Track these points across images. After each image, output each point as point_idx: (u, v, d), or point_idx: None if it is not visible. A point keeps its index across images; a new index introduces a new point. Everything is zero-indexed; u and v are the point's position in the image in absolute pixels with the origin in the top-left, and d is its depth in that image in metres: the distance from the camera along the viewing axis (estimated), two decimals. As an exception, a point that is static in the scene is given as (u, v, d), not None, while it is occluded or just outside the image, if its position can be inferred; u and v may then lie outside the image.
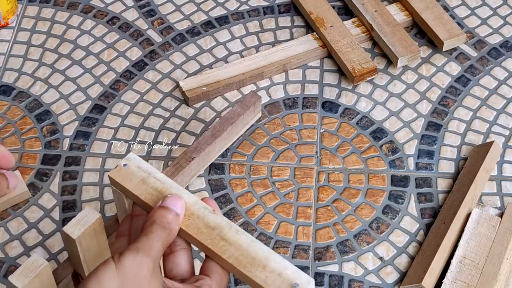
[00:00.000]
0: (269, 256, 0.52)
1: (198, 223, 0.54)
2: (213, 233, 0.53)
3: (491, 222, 0.72)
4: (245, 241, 0.53)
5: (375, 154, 0.80)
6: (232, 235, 0.53)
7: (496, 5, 0.94)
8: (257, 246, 0.52)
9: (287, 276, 0.51)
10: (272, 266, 0.51)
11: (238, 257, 0.52)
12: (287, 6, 0.94)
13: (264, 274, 0.51)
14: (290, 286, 0.50)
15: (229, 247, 0.53)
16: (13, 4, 0.92)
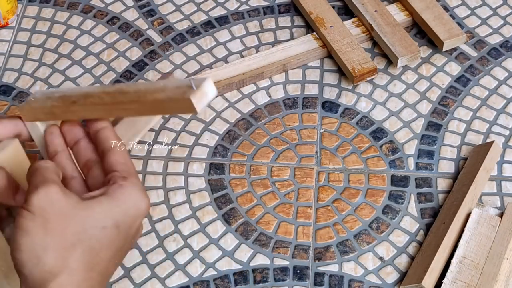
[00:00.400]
0: (166, 83, 0.55)
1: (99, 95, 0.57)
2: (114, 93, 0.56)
3: (491, 222, 0.72)
4: (141, 85, 0.56)
5: (375, 154, 0.80)
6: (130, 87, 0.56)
7: (496, 5, 0.94)
8: (154, 84, 0.55)
9: (184, 85, 0.53)
10: (170, 86, 0.54)
11: (139, 94, 0.55)
12: (287, 6, 0.94)
13: (164, 93, 0.53)
14: (186, 86, 0.53)
15: (129, 95, 0.55)
16: (13, 4, 0.92)
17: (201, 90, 0.53)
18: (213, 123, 0.83)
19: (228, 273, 0.72)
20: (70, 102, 0.57)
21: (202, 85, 0.53)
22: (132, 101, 0.55)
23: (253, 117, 0.83)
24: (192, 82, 0.53)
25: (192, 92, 0.52)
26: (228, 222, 0.75)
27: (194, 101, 0.52)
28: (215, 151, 0.80)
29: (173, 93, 0.53)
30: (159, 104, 0.54)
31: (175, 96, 0.53)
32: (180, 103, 0.53)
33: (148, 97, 0.54)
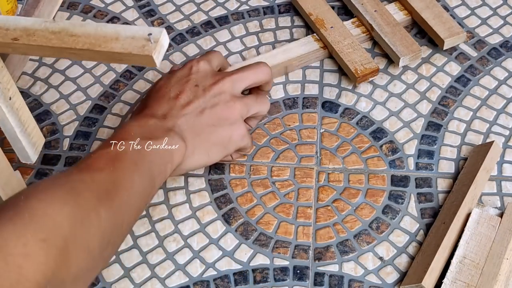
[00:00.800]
0: (118, 29, 0.54)
1: (44, 33, 0.55)
2: (61, 35, 0.55)
3: (491, 222, 0.72)
4: (91, 28, 0.55)
5: (375, 154, 0.80)
6: (78, 29, 0.55)
7: (496, 5, 0.94)
8: (103, 27, 0.55)
9: (140, 35, 0.53)
10: (123, 35, 0.54)
11: (91, 41, 0.54)
12: (287, 6, 0.94)
13: (119, 44, 0.53)
14: (144, 39, 0.53)
15: (79, 38, 0.54)
16: (13, 4, 0.92)
17: (159, 43, 0.53)
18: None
19: (228, 273, 0.72)
20: (11, 39, 0.56)
21: (160, 38, 0.53)
22: (83, 49, 0.54)
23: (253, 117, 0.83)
24: (150, 36, 0.52)
25: (152, 48, 0.52)
26: (228, 222, 0.75)
27: (155, 56, 0.52)
28: (215, 151, 0.80)
29: (130, 45, 0.53)
30: (115, 55, 0.53)
31: (133, 49, 0.52)
32: (139, 57, 0.52)
33: (103, 47, 0.53)
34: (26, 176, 0.78)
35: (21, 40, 0.56)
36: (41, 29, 0.56)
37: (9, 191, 0.67)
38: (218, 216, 0.76)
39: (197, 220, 0.76)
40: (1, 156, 0.65)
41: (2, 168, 0.66)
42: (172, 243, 0.74)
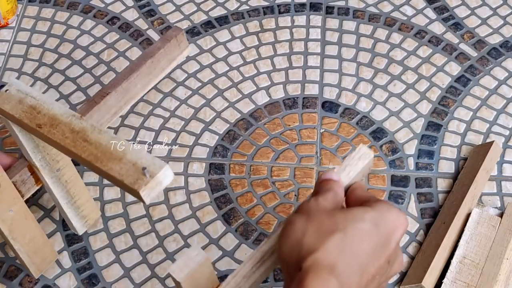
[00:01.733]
0: (126, 149, 0.52)
1: (64, 129, 0.55)
2: (77, 137, 0.54)
3: (491, 222, 0.72)
4: (105, 139, 0.53)
5: (375, 154, 0.80)
6: (95, 135, 0.54)
7: (496, 5, 0.94)
8: (116, 143, 0.53)
9: (141, 164, 0.50)
10: (128, 158, 0.51)
11: (97, 154, 0.52)
12: (287, 6, 0.94)
13: (119, 166, 0.51)
14: (140, 172, 0.50)
15: (89, 146, 0.53)
16: (13, 4, 0.92)
17: (155, 180, 0.49)
18: (213, 123, 0.83)
19: (228, 273, 0.72)
20: (36, 124, 0.57)
21: (158, 174, 0.49)
22: (88, 161, 0.53)
23: (253, 117, 0.83)
24: (146, 171, 0.50)
25: (142, 183, 0.49)
26: (228, 222, 0.75)
27: (143, 193, 0.49)
28: (215, 151, 0.80)
29: (127, 172, 0.50)
30: (110, 177, 0.52)
31: (126, 179, 0.50)
32: (130, 189, 0.50)
33: (103, 164, 0.52)
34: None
35: (43, 129, 0.56)
36: (65, 122, 0.56)
37: (38, 259, 0.68)
38: (218, 216, 0.76)
39: (197, 220, 0.76)
40: (34, 224, 0.66)
41: (35, 236, 0.66)
42: (172, 243, 0.74)
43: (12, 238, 0.63)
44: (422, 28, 0.91)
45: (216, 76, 0.87)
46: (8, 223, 0.62)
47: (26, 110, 0.57)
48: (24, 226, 0.64)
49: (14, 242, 0.63)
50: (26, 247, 0.65)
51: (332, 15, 0.93)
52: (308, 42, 0.90)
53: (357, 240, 0.50)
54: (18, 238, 0.64)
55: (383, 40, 0.90)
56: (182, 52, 0.75)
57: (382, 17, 0.92)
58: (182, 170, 0.79)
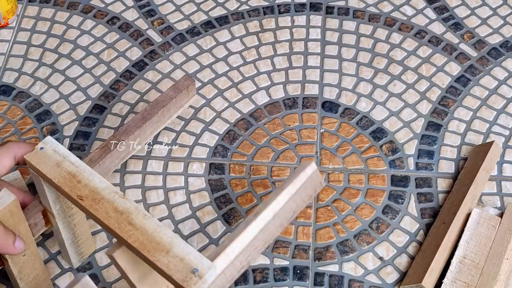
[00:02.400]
0: (173, 241, 0.52)
1: (107, 207, 0.55)
2: (121, 218, 0.54)
3: (491, 222, 0.72)
4: (151, 226, 0.54)
5: (375, 154, 0.80)
6: (140, 220, 0.54)
7: (496, 5, 0.94)
8: (162, 231, 0.53)
9: (189, 261, 0.51)
10: (175, 252, 0.52)
11: (143, 241, 0.53)
12: (287, 6, 0.94)
13: (167, 259, 0.52)
14: (190, 271, 0.51)
15: (135, 231, 0.53)
16: (13, 4, 0.92)
17: (203, 279, 0.51)
18: (213, 123, 0.83)
19: (228, 273, 0.72)
20: (77, 195, 0.56)
21: (206, 275, 0.51)
22: (134, 248, 0.53)
23: (253, 117, 0.83)
24: (196, 272, 0.51)
25: (192, 283, 0.50)
26: (228, 222, 0.75)
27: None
28: (215, 151, 0.80)
29: (175, 268, 0.51)
30: (157, 268, 0.52)
31: (175, 275, 0.51)
32: (178, 285, 0.51)
33: (150, 253, 0.52)
34: (26, 176, 0.78)
35: (85, 202, 0.56)
36: (108, 199, 0.55)
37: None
38: (218, 216, 0.76)
39: (197, 220, 0.76)
40: (40, 264, 0.66)
41: (38, 274, 0.67)
42: (172, 243, 0.74)
43: (19, 278, 0.64)
44: (422, 28, 0.91)
45: (216, 76, 0.87)
46: (19, 265, 0.63)
47: (65, 176, 0.57)
48: (32, 267, 0.65)
49: (20, 281, 0.65)
50: (29, 285, 0.66)
51: (332, 15, 0.93)
52: (308, 42, 0.90)
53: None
54: (24, 278, 0.65)
55: (383, 40, 0.90)
56: (189, 99, 0.78)
57: (382, 17, 0.92)
58: (182, 170, 0.79)
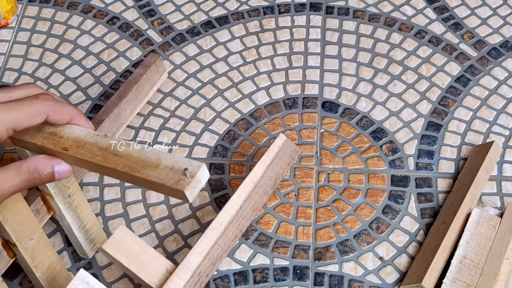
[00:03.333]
0: (160, 156, 0.54)
1: (92, 148, 0.56)
2: (106, 153, 0.56)
3: (491, 222, 0.72)
4: (135, 151, 0.55)
5: (375, 154, 0.80)
6: (123, 149, 0.55)
7: (496, 5, 0.94)
8: (147, 152, 0.54)
9: (178, 167, 0.53)
10: (163, 164, 0.53)
11: (131, 165, 0.54)
12: (287, 6, 0.94)
13: (157, 172, 0.53)
14: (181, 173, 0.52)
15: (121, 159, 0.54)
16: (13, 4, 0.92)
17: (195, 179, 0.52)
18: (213, 123, 0.83)
19: (228, 273, 0.72)
20: (61, 148, 0.57)
21: (197, 174, 0.52)
22: (124, 172, 0.54)
23: (253, 117, 0.83)
24: (186, 171, 0.52)
25: (186, 182, 0.51)
26: (228, 222, 0.75)
27: (187, 192, 0.52)
28: (215, 151, 0.80)
29: (167, 176, 0.52)
30: (150, 183, 0.53)
31: (168, 181, 0.52)
32: (173, 190, 0.52)
33: (140, 172, 0.53)
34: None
35: (70, 151, 0.57)
36: (91, 142, 0.56)
37: (56, 285, 0.69)
38: (218, 216, 0.76)
39: (197, 220, 0.76)
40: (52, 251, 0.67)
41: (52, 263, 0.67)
42: (172, 243, 0.74)
43: (34, 266, 0.64)
44: (422, 28, 0.91)
45: (216, 76, 0.87)
46: (30, 251, 0.63)
47: (47, 136, 0.58)
48: (43, 254, 0.65)
49: (36, 270, 0.65)
50: (46, 275, 0.66)
51: (332, 15, 0.93)
52: (308, 42, 0.90)
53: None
54: (39, 266, 0.65)
55: (383, 40, 0.90)
56: (161, 76, 0.82)
57: (382, 17, 0.92)
58: (182, 170, 0.79)
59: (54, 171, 0.58)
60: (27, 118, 0.56)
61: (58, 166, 0.58)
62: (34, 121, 0.57)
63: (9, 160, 0.80)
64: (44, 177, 0.57)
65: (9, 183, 0.55)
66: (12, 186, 0.55)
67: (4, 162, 0.80)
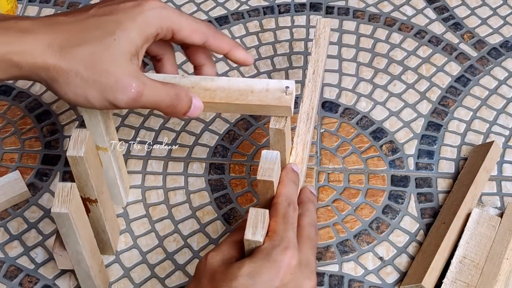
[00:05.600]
0: (249, 83, 0.60)
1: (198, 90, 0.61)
2: (195, 89, 0.61)
3: (491, 222, 0.72)
4: (224, 82, 0.61)
5: (375, 154, 0.80)
6: (211, 83, 0.61)
7: (496, 5, 0.94)
8: (235, 81, 0.61)
9: (273, 87, 0.60)
10: (257, 88, 0.60)
11: (227, 95, 0.60)
12: (287, 6, 0.94)
13: (255, 96, 0.59)
14: (281, 90, 0.59)
15: (213, 92, 0.60)
16: (13, 4, 0.92)
17: (293, 94, 0.59)
18: (213, 123, 0.83)
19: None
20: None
21: (293, 90, 0.60)
22: (221, 103, 0.60)
23: (253, 117, 0.83)
24: (287, 89, 0.59)
25: (288, 99, 0.59)
26: (228, 222, 0.75)
27: (292, 107, 0.59)
28: (215, 151, 0.80)
29: (267, 97, 0.59)
30: (252, 107, 0.59)
31: (271, 101, 0.59)
32: (278, 108, 0.59)
33: (240, 99, 0.59)
34: (26, 176, 0.78)
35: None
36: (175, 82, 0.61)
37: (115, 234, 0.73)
38: (218, 216, 0.76)
39: (197, 220, 0.76)
40: (111, 204, 0.70)
41: (112, 216, 0.71)
42: (172, 243, 0.74)
43: (105, 219, 0.67)
44: (422, 28, 0.91)
45: (216, 76, 0.87)
46: (104, 204, 0.67)
47: None
48: (109, 205, 0.69)
49: (106, 223, 0.68)
50: (110, 224, 0.70)
51: (332, 15, 0.93)
52: (308, 42, 0.90)
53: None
54: (108, 218, 0.69)
55: (383, 40, 0.90)
56: None
57: (382, 17, 0.92)
58: (182, 170, 0.79)
59: (191, 104, 0.59)
60: (188, 29, 0.59)
61: (195, 99, 0.59)
62: (193, 36, 0.59)
63: (9, 160, 0.80)
64: (181, 105, 0.58)
65: (154, 92, 0.57)
66: (154, 95, 0.57)
67: (4, 162, 0.80)
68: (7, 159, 0.80)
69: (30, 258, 0.73)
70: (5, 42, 0.53)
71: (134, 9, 0.56)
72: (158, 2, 0.57)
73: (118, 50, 0.54)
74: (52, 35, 0.54)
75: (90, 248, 0.64)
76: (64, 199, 0.57)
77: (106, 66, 0.54)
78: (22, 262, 0.73)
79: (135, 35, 0.55)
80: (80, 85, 0.54)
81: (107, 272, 0.71)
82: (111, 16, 0.55)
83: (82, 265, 0.64)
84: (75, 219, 0.58)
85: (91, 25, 0.55)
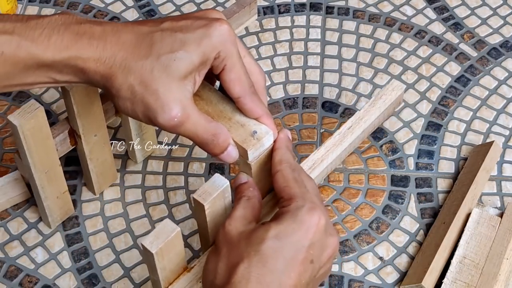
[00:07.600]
0: (235, 111, 0.59)
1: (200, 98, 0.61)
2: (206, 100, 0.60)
3: (491, 222, 0.72)
4: (216, 97, 0.60)
5: (375, 154, 0.80)
6: (206, 92, 0.60)
7: (496, 5, 0.94)
8: (226, 102, 0.59)
9: (249, 127, 0.58)
10: (236, 119, 0.59)
11: (208, 110, 0.59)
12: (287, 6, 0.94)
13: (229, 124, 0.58)
14: (249, 134, 0.58)
15: (201, 101, 0.59)
16: (13, 4, 0.92)
17: (260, 142, 0.58)
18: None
19: (228, 273, 0.72)
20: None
21: (264, 139, 0.57)
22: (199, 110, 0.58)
23: (253, 117, 0.83)
24: (255, 134, 0.57)
25: (251, 144, 0.57)
26: (228, 222, 0.75)
27: (250, 152, 0.57)
28: (215, 151, 0.80)
29: (236, 131, 0.58)
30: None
31: (235, 137, 0.57)
32: (237, 146, 0.58)
33: (214, 120, 0.57)
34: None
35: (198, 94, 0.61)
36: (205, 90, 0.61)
37: (102, 180, 0.76)
38: (218, 216, 0.76)
39: (197, 220, 0.76)
40: (108, 150, 0.74)
41: (105, 159, 0.74)
42: (172, 243, 0.74)
43: (89, 159, 0.71)
44: (422, 28, 0.91)
45: (216, 76, 0.87)
46: (90, 145, 0.70)
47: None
48: (101, 151, 0.72)
49: (90, 162, 0.72)
50: (97, 168, 0.73)
51: (332, 15, 0.93)
52: (308, 42, 0.90)
53: (262, 263, 0.51)
54: (93, 160, 0.72)
55: (383, 40, 0.90)
56: (250, 17, 0.88)
57: (382, 17, 0.92)
58: (182, 170, 0.79)
59: (225, 150, 0.59)
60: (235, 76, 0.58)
61: (231, 147, 0.59)
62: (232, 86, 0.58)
63: (9, 160, 0.80)
64: (215, 147, 0.58)
65: (195, 126, 0.56)
66: (193, 129, 0.57)
67: (4, 162, 0.80)
68: (7, 159, 0.80)
69: (30, 258, 0.73)
70: (77, 47, 0.54)
71: (201, 29, 0.56)
72: (226, 26, 0.56)
73: (176, 71, 0.54)
74: (119, 46, 0.55)
75: (47, 171, 0.68)
76: (22, 114, 0.62)
77: (158, 86, 0.54)
78: (22, 262, 0.73)
79: (196, 58, 0.55)
80: (130, 99, 0.55)
81: (105, 273, 0.72)
82: (179, 34, 0.55)
83: (32, 181, 0.69)
84: (26, 135, 0.63)
85: (158, 39, 0.55)
